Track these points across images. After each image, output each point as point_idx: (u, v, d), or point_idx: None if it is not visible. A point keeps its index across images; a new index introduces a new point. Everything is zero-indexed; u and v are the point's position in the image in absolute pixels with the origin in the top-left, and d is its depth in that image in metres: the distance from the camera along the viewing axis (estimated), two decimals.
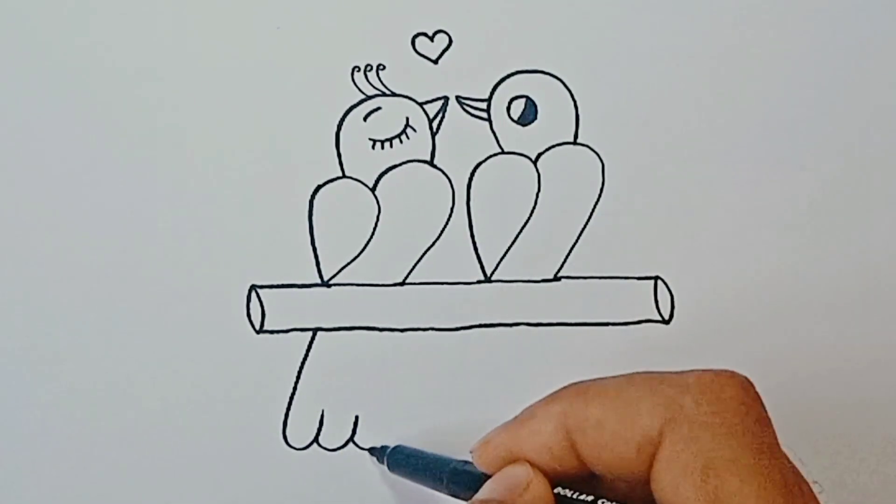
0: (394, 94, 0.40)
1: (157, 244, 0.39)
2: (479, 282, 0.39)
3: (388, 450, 0.37)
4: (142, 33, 0.40)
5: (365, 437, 0.38)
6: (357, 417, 0.38)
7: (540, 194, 0.39)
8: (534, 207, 0.39)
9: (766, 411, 0.27)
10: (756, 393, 0.27)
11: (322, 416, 0.38)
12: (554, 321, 0.39)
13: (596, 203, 0.39)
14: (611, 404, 0.28)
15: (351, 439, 0.38)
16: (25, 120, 0.39)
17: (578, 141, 0.40)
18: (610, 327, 0.39)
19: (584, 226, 0.39)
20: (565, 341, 0.38)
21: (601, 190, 0.39)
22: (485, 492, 0.30)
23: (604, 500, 0.27)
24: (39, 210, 0.39)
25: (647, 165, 0.39)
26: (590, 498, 0.28)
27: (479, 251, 0.39)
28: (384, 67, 0.40)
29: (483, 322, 0.39)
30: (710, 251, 0.39)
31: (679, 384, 0.27)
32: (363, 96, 0.40)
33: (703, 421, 0.26)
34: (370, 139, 0.39)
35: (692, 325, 0.39)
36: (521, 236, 0.39)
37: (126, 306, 0.38)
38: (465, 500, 0.31)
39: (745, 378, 0.27)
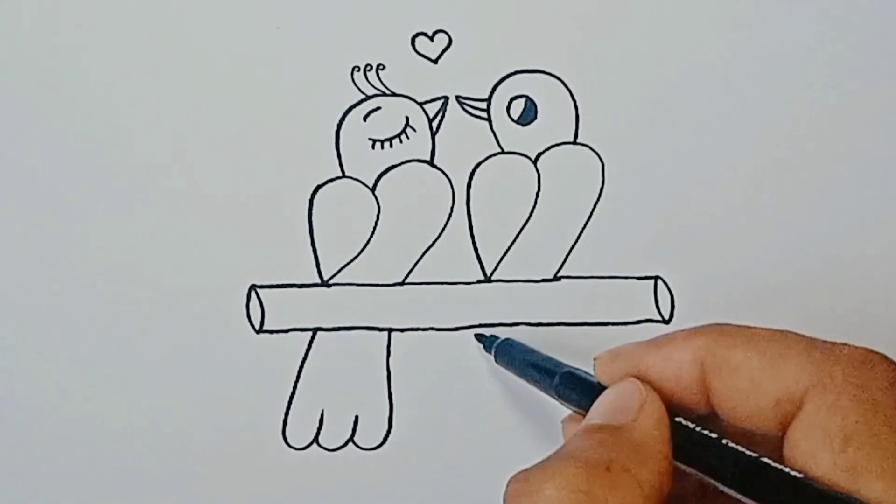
0: (393, 94, 0.40)
1: (156, 244, 0.39)
2: (478, 282, 0.39)
3: (498, 340, 0.36)
4: (142, 33, 0.40)
5: (365, 438, 0.38)
6: (357, 417, 0.38)
7: (540, 194, 0.39)
8: (534, 207, 0.39)
9: None
10: None
11: (322, 415, 0.38)
12: (554, 321, 0.39)
13: (596, 203, 0.39)
14: (757, 353, 0.28)
15: (351, 439, 0.38)
16: (25, 120, 0.39)
17: (578, 141, 0.40)
18: (610, 327, 0.39)
19: (584, 226, 0.39)
20: (565, 341, 0.38)
21: (601, 190, 0.39)
22: (598, 411, 0.29)
23: (728, 441, 0.27)
24: (39, 210, 0.39)
25: (647, 165, 0.39)
26: (714, 435, 0.27)
27: (479, 251, 0.39)
28: (384, 67, 0.40)
29: (483, 322, 0.39)
30: (710, 251, 0.39)
31: (832, 353, 0.27)
32: (363, 96, 0.40)
33: (851, 393, 0.26)
34: (370, 139, 0.39)
35: (692, 325, 0.38)
36: (520, 236, 0.39)
37: (126, 306, 0.38)
38: (574, 407, 0.31)
39: (894, 361, 0.27)
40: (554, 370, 0.33)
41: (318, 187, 0.39)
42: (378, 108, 0.40)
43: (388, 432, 0.38)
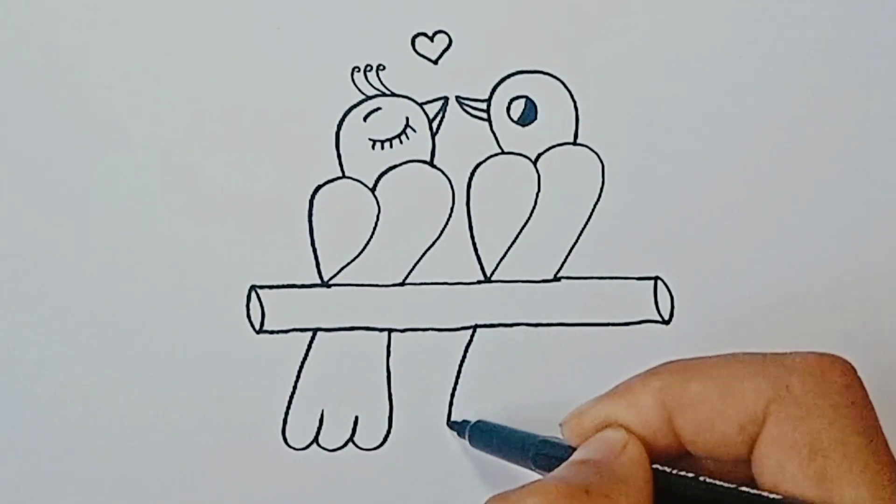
0: (394, 95, 0.40)
1: (156, 244, 0.39)
2: (478, 282, 0.39)
3: (470, 424, 0.36)
4: (143, 34, 0.40)
5: (365, 438, 0.38)
6: (357, 418, 0.38)
7: (540, 194, 0.39)
8: (534, 208, 0.39)
9: (867, 394, 0.27)
10: (858, 376, 0.27)
11: (322, 416, 0.38)
12: (554, 321, 0.39)
13: (596, 203, 0.39)
14: (713, 382, 0.28)
15: (351, 439, 0.38)
16: (26, 120, 0.39)
17: (578, 141, 0.40)
18: (610, 327, 0.39)
19: (584, 226, 0.39)
20: (565, 341, 0.38)
21: (601, 190, 0.39)
22: (580, 453, 0.29)
23: (704, 478, 0.27)
24: (39, 210, 0.39)
25: (647, 166, 0.39)
26: (690, 475, 0.27)
27: (479, 251, 0.39)
28: (384, 68, 0.40)
29: (483, 322, 0.39)
30: (710, 251, 0.39)
31: (784, 365, 0.27)
32: (363, 96, 0.40)
33: (810, 402, 0.26)
34: (370, 139, 0.39)
35: (692, 326, 0.38)
36: (520, 236, 0.39)
37: (126, 306, 0.38)
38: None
39: (847, 361, 0.27)
40: (527, 442, 0.32)
41: (319, 188, 0.39)
42: (378, 109, 0.40)
43: (388, 433, 0.38)
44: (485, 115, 0.40)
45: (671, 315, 0.39)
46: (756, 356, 0.28)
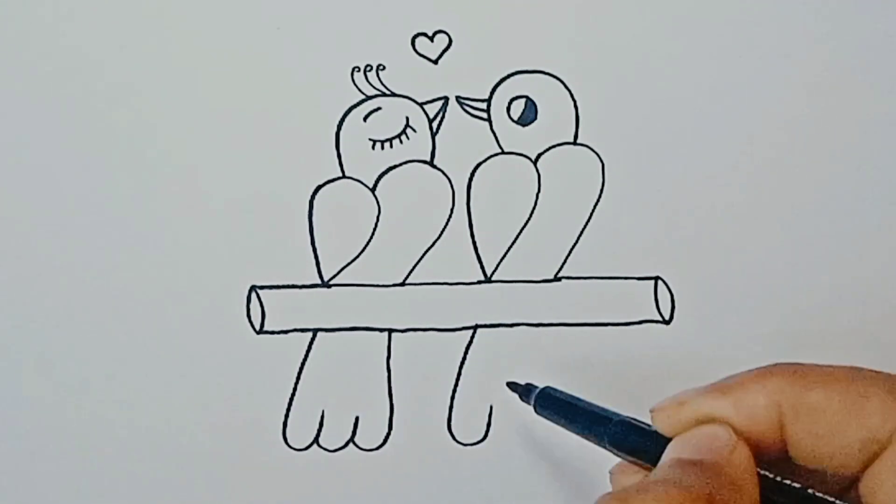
0: (394, 95, 0.40)
1: (157, 245, 0.39)
2: (479, 282, 0.39)
3: (538, 390, 0.35)
4: (143, 34, 0.40)
5: (365, 438, 0.38)
6: (357, 418, 0.38)
7: (540, 194, 0.39)
8: (534, 208, 0.39)
9: None
10: None
11: (322, 416, 0.38)
12: (554, 321, 0.39)
13: (596, 203, 0.39)
14: (836, 394, 0.27)
15: (351, 440, 0.38)
16: (27, 121, 0.39)
17: (578, 141, 0.40)
18: (610, 328, 0.39)
19: (585, 226, 0.39)
20: (565, 341, 0.38)
21: (601, 190, 0.39)
22: (679, 449, 0.28)
23: (813, 491, 0.26)
24: (40, 211, 0.39)
25: (647, 165, 0.39)
26: (797, 485, 0.27)
27: (480, 251, 0.39)
28: (384, 68, 0.40)
29: (483, 322, 0.39)
30: (711, 251, 0.39)
31: None
32: (363, 96, 0.40)
33: None
34: (370, 139, 0.39)
35: (692, 326, 0.38)
36: (521, 236, 0.39)
37: (126, 307, 0.38)
38: (628, 456, 0.30)
39: None
40: (605, 419, 0.31)
41: (319, 188, 0.39)
42: (378, 109, 0.40)
43: (389, 433, 0.38)
44: (485, 115, 0.40)
45: (671, 315, 0.39)
46: (884, 375, 0.27)
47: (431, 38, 0.40)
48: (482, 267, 0.39)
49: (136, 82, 0.39)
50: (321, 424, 0.38)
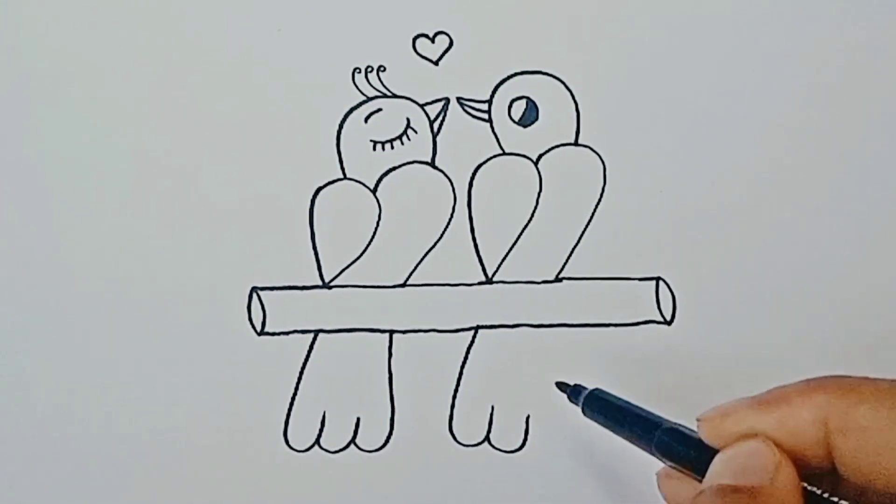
0: (395, 96, 0.40)
1: (158, 246, 0.39)
2: (480, 283, 0.39)
3: (587, 391, 0.34)
4: (144, 36, 0.40)
5: (366, 440, 0.38)
6: (358, 419, 0.38)
7: (541, 195, 0.39)
8: (535, 208, 0.39)
9: None
10: None
11: (323, 417, 0.38)
12: (555, 322, 0.39)
13: (597, 204, 0.39)
14: (885, 410, 0.26)
15: (352, 441, 0.38)
16: (27, 122, 0.39)
17: (579, 142, 0.40)
18: (611, 328, 0.39)
19: (586, 227, 0.39)
20: (567, 342, 0.38)
21: (602, 191, 0.39)
22: (723, 464, 0.27)
23: None
24: (41, 212, 0.39)
25: (647, 166, 0.39)
26: (844, 502, 0.26)
27: (481, 252, 0.39)
28: (385, 69, 0.40)
29: (484, 323, 0.39)
30: (712, 251, 0.39)
31: None
32: (364, 98, 0.40)
33: None
34: (371, 140, 0.39)
35: (694, 326, 0.38)
36: (522, 237, 0.39)
37: (128, 308, 0.38)
38: (673, 463, 0.30)
39: None
40: (653, 424, 0.31)
41: (320, 189, 0.39)
42: (379, 110, 0.40)
43: (390, 434, 0.38)
44: (486, 116, 0.40)
45: (673, 315, 0.39)
46: None
47: (432, 39, 0.40)
48: (483, 268, 0.39)
49: (138, 84, 0.40)
50: (322, 425, 0.38)
